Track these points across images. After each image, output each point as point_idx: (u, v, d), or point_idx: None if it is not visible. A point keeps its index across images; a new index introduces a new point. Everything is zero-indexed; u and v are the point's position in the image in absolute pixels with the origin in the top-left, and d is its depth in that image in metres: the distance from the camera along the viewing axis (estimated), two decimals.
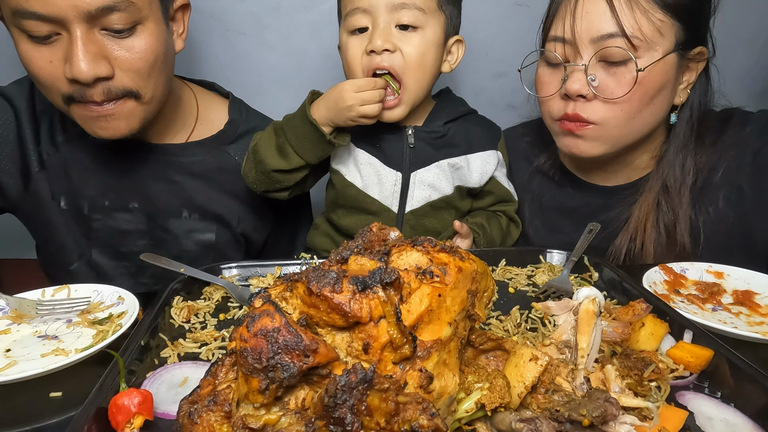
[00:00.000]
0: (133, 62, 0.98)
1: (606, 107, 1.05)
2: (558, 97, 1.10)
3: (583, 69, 1.04)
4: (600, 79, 1.03)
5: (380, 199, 1.16)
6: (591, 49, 1.03)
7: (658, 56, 1.01)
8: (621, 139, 1.10)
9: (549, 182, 1.31)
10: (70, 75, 0.93)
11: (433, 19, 1.08)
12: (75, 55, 0.91)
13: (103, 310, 0.85)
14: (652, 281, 0.96)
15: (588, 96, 1.05)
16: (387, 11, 1.05)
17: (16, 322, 0.82)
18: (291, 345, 0.44)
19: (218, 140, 1.25)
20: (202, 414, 0.49)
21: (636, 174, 1.22)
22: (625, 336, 0.72)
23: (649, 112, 1.07)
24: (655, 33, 1.00)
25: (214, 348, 0.75)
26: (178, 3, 1.10)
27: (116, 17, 0.93)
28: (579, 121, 1.07)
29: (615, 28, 1.00)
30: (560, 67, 1.08)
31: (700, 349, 0.69)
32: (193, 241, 1.22)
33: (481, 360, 0.63)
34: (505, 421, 0.55)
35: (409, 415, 0.45)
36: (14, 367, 0.70)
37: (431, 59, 1.10)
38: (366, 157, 1.16)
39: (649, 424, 0.55)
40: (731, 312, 0.89)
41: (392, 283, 0.48)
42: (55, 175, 1.16)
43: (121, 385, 0.59)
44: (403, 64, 1.07)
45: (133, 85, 1.00)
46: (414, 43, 1.07)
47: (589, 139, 1.09)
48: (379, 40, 1.04)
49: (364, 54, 1.07)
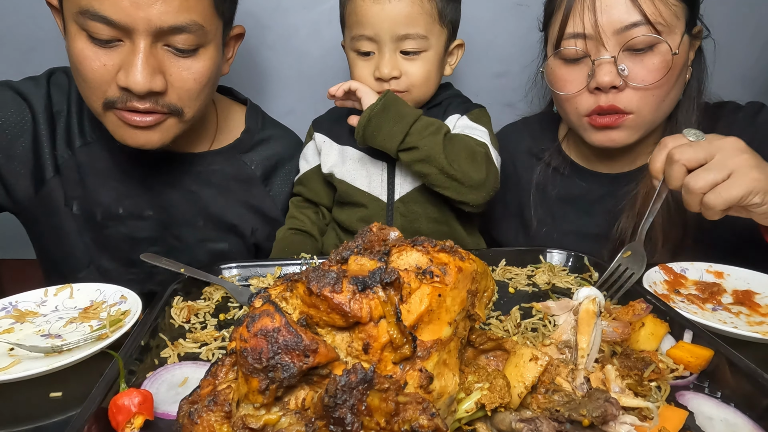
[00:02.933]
0: (186, 82, 0.99)
1: (638, 95, 1.07)
2: (585, 93, 1.11)
3: (612, 61, 1.05)
4: (628, 67, 1.05)
5: (369, 191, 1.17)
6: (615, 40, 1.04)
7: (679, 38, 1.05)
8: (653, 123, 1.14)
9: (553, 173, 1.32)
10: (125, 83, 0.92)
11: (435, 39, 1.12)
12: (135, 65, 0.91)
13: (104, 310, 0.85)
14: (652, 281, 0.95)
15: (620, 86, 1.07)
16: (391, 41, 1.10)
17: (19, 321, 0.83)
18: (291, 345, 0.44)
19: (234, 149, 1.25)
20: (202, 414, 0.49)
21: (640, 160, 1.23)
22: (625, 336, 0.72)
23: (674, 92, 1.11)
24: (673, 17, 1.04)
25: (214, 348, 0.75)
26: (234, 31, 1.12)
27: (183, 38, 0.95)
28: (616, 113, 1.09)
29: (639, 16, 1.02)
30: (580, 63, 1.10)
31: (700, 349, 0.69)
32: (205, 251, 1.22)
33: (481, 360, 0.63)
34: (505, 421, 0.55)
35: (409, 415, 0.45)
36: (18, 365, 0.70)
37: (435, 73, 1.16)
38: (354, 152, 1.19)
39: (649, 424, 0.55)
40: (731, 312, 0.89)
41: (392, 283, 0.48)
42: (69, 180, 1.14)
43: (121, 385, 0.59)
44: (410, 85, 1.13)
45: (180, 103, 1.00)
46: (419, 65, 1.13)
47: (625, 129, 1.11)
48: (386, 68, 1.11)
49: (373, 77, 1.13)
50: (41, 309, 0.86)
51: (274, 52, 1.56)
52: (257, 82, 1.57)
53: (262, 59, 1.56)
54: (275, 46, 1.55)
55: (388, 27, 1.08)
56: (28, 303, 0.87)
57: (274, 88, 1.59)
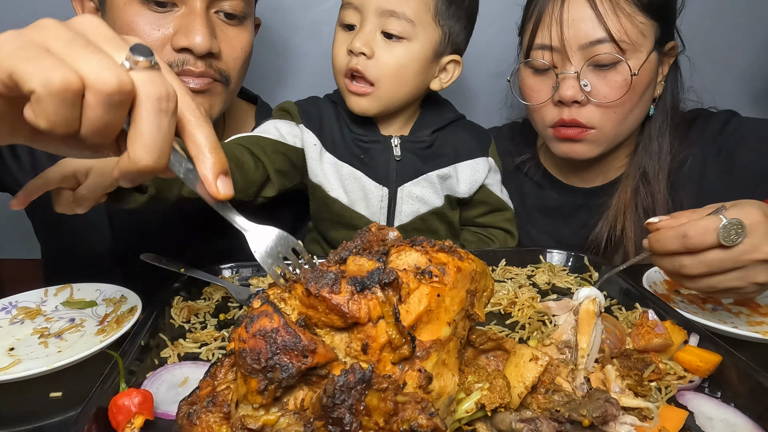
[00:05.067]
0: (235, 49, 1.05)
1: (600, 110, 1.07)
2: (550, 104, 1.11)
3: (575, 76, 1.05)
4: (591, 83, 1.05)
5: (367, 215, 1.12)
6: (580, 55, 1.05)
7: (643, 57, 1.05)
8: (616, 139, 1.14)
9: (530, 183, 1.33)
10: (186, 43, 0.97)
11: (423, 33, 1.03)
12: (195, 27, 0.96)
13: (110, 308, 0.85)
14: (652, 281, 0.95)
15: (582, 101, 1.07)
16: (375, 15, 1.01)
17: (20, 321, 0.83)
18: (290, 345, 0.44)
19: None
20: (201, 415, 0.49)
21: (613, 173, 1.24)
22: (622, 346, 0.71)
23: (638, 109, 1.11)
24: (639, 35, 1.03)
25: (214, 348, 0.75)
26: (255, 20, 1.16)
27: (233, 3, 1.01)
28: (578, 127, 1.09)
29: (603, 33, 1.02)
30: (548, 73, 1.10)
31: (708, 354, 0.67)
32: (212, 247, 1.21)
33: (481, 360, 0.63)
34: (505, 421, 0.54)
35: (408, 415, 0.45)
36: (18, 365, 0.70)
37: (412, 72, 1.05)
38: (351, 171, 1.11)
39: (649, 424, 0.55)
40: (731, 312, 0.89)
41: (391, 284, 0.48)
42: None
43: (121, 385, 0.59)
44: (378, 72, 1.03)
45: (228, 70, 1.05)
46: (395, 53, 1.02)
47: (588, 143, 1.12)
48: (359, 42, 1.01)
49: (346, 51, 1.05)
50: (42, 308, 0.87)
51: (274, 52, 1.56)
52: (257, 81, 1.57)
53: (262, 59, 1.56)
54: (275, 46, 1.55)
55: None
56: (28, 303, 0.87)
57: (274, 88, 1.59)
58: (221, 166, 0.49)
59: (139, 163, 0.44)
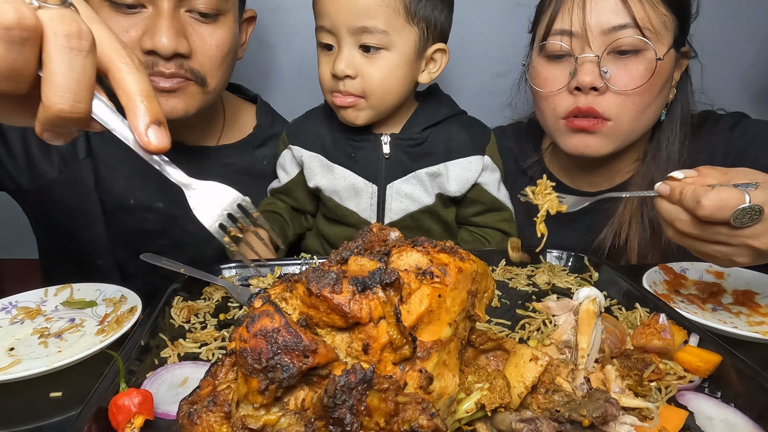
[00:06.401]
0: (209, 48, 1.01)
1: (618, 100, 1.05)
2: (565, 93, 1.08)
3: (596, 60, 1.03)
4: (611, 71, 1.03)
5: (358, 212, 1.14)
6: (600, 41, 1.03)
7: (665, 48, 1.03)
8: (630, 136, 1.11)
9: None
10: (151, 46, 0.94)
11: (400, 38, 1.03)
12: (160, 28, 0.94)
13: None
14: (652, 281, 0.95)
15: (601, 89, 1.04)
16: (349, 34, 1.02)
17: (19, 321, 0.83)
18: (290, 345, 0.44)
19: (248, 144, 1.26)
20: (202, 414, 0.49)
21: (619, 178, 1.22)
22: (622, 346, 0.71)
23: (655, 106, 1.09)
24: (662, 26, 1.03)
25: (214, 348, 0.75)
26: (247, 14, 1.13)
27: (204, 0, 0.98)
28: (593, 117, 1.06)
29: (627, 19, 1.01)
30: (563, 61, 1.08)
31: (709, 354, 0.68)
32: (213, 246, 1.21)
33: (481, 360, 0.63)
34: (506, 421, 0.54)
35: (409, 415, 0.45)
36: (18, 365, 0.70)
37: (398, 78, 1.06)
38: (341, 171, 1.14)
39: (649, 425, 0.55)
40: (731, 312, 0.89)
41: (392, 284, 0.48)
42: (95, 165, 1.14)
43: (121, 385, 0.59)
44: (365, 87, 1.04)
45: (203, 70, 1.02)
46: (378, 65, 1.03)
47: (602, 136, 1.08)
48: (341, 65, 1.02)
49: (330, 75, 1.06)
50: (42, 308, 0.86)
51: (274, 52, 1.56)
52: (257, 81, 1.57)
53: (262, 59, 1.56)
54: (275, 46, 1.55)
55: (344, 18, 1.00)
56: (28, 303, 0.87)
57: (274, 88, 1.59)
58: (153, 115, 0.46)
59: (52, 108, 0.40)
